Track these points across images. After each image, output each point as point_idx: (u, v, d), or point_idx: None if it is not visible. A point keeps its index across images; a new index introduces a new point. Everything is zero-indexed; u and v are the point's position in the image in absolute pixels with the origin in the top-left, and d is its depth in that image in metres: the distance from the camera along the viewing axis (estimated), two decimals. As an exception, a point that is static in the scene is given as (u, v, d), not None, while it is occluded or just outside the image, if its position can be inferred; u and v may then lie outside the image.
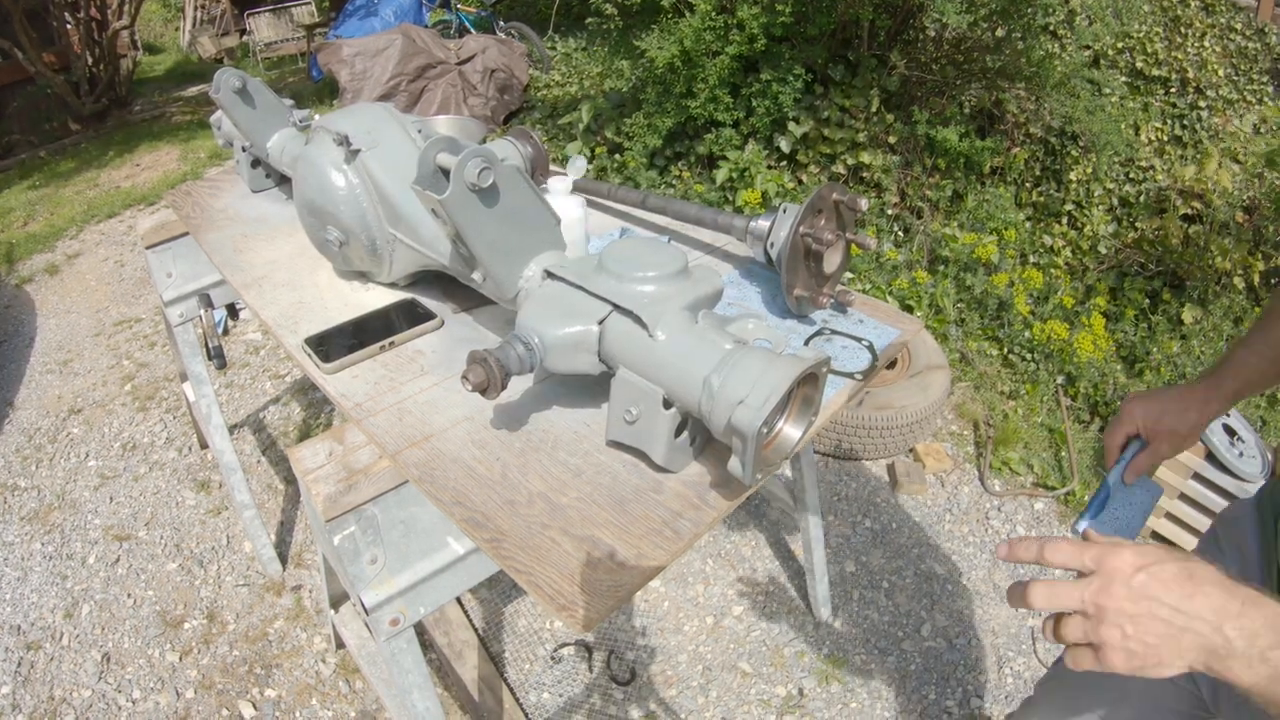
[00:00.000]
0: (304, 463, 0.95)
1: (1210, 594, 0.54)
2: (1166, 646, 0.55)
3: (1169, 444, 0.96)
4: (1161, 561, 0.56)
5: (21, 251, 4.39)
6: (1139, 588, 0.55)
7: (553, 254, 0.97)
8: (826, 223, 1.13)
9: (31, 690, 1.90)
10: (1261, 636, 0.52)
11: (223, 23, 10.11)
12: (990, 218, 3.28)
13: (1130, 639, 0.55)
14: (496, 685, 1.80)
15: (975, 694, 1.84)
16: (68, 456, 2.70)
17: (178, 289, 1.68)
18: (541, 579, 0.76)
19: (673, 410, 0.82)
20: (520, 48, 5.42)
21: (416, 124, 1.22)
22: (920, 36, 3.63)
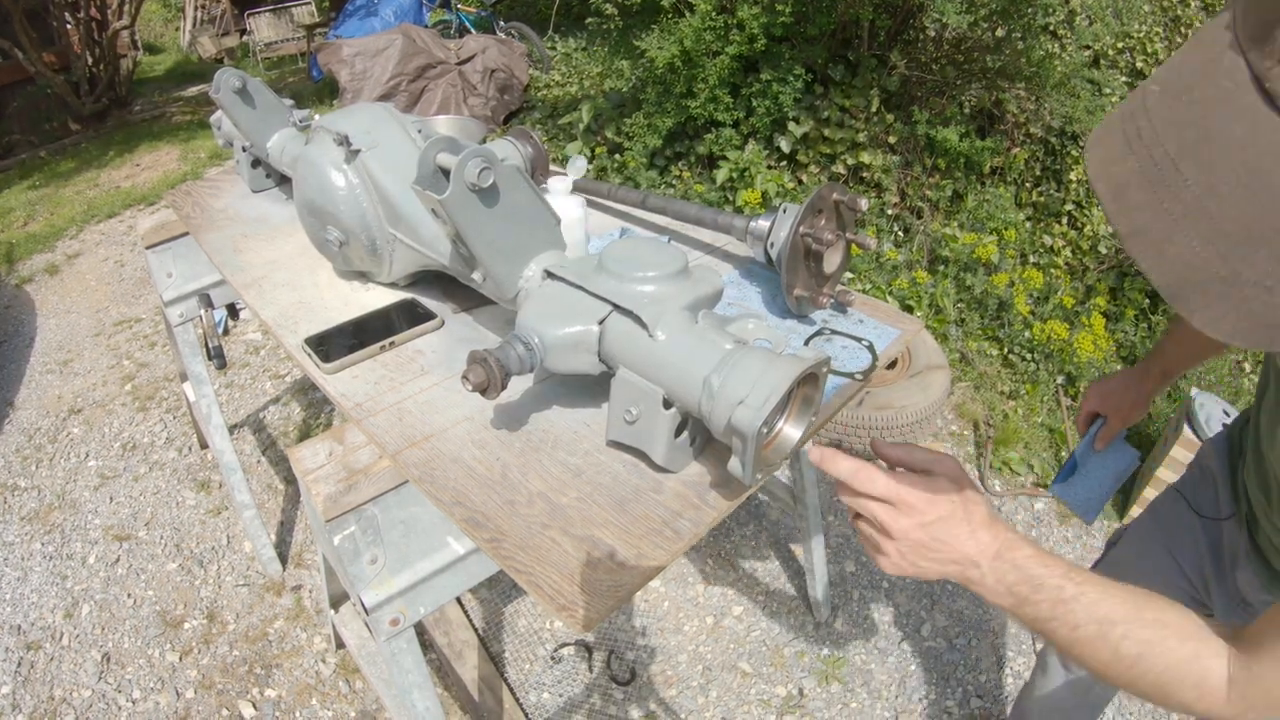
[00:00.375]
0: (304, 463, 0.95)
1: (979, 536, 0.67)
2: (931, 570, 0.69)
3: (1119, 416, 1.21)
4: (950, 506, 0.67)
5: (22, 251, 4.39)
6: (924, 526, 0.68)
7: (553, 254, 0.97)
8: (826, 223, 1.13)
9: (31, 690, 1.90)
10: (1009, 574, 0.66)
11: (223, 23, 10.12)
12: (990, 218, 3.28)
13: (904, 558, 0.69)
14: (496, 685, 1.80)
15: (975, 694, 1.84)
16: (68, 456, 2.70)
17: (178, 289, 1.68)
18: (541, 579, 0.76)
19: (673, 410, 0.82)
20: (520, 48, 5.42)
21: (416, 124, 1.22)
22: (920, 36, 3.63)
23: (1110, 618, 0.63)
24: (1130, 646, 0.62)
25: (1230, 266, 0.39)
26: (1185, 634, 0.63)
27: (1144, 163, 0.41)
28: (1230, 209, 0.38)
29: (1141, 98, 0.43)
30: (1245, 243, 0.38)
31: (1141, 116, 0.42)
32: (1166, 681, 0.62)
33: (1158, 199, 0.40)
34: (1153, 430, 2.54)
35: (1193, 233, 0.39)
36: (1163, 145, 0.40)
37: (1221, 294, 0.39)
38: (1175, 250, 0.40)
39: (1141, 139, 0.41)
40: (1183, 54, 0.42)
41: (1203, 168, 0.39)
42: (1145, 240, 0.41)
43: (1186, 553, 1.11)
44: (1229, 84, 0.39)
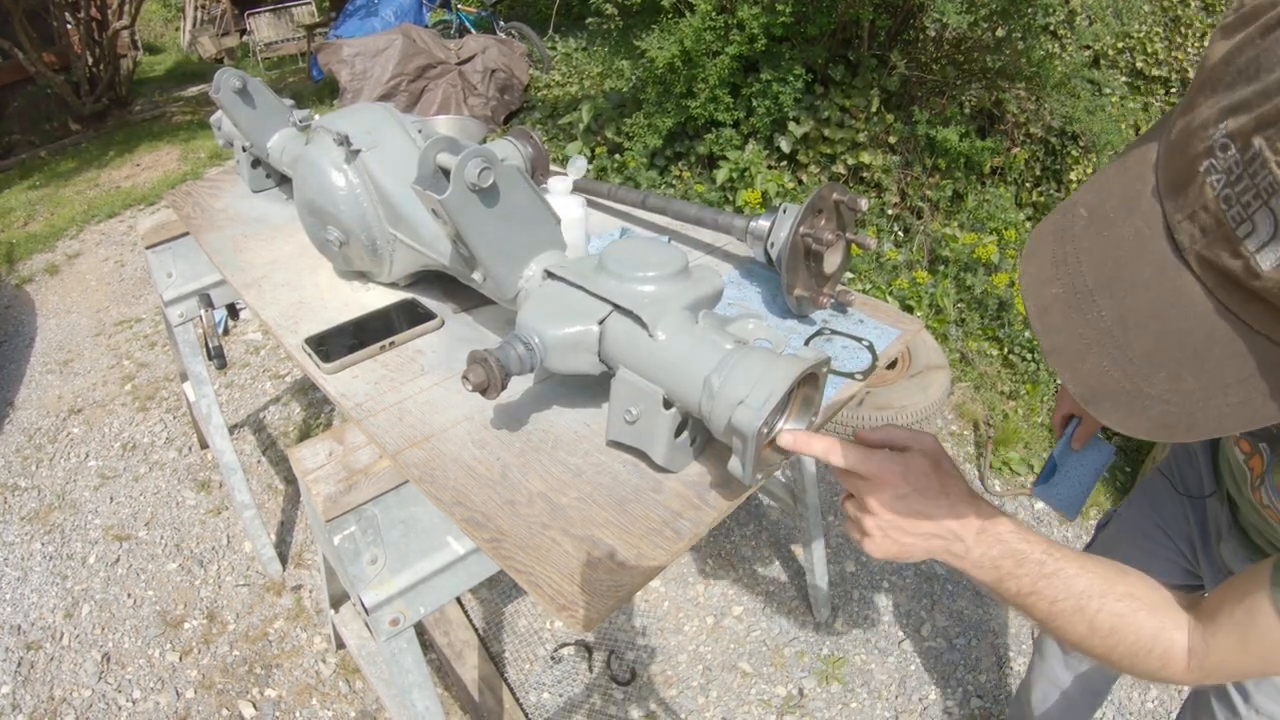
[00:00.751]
0: (304, 463, 0.95)
1: (959, 510, 0.68)
2: (916, 547, 0.70)
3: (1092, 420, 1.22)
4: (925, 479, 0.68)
5: (22, 251, 4.39)
6: (900, 499, 0.69)
7: (553, 254, 0.97)
8: (827, 223, 1.13)
9: (32, 690, 1.90)
10: (993, 548, 0.68)
11: (223, 23, 10.12)
12: (990, 218, 3.28)
13: (886, 535, 0.70)
14: (497, 685, 1.80)
15: (975, 694, 1.84)
16: (68, 456, 2.70)
17: (178, 289, 1.68)
18: (542, 579, 0.76)
19: (673, 410, 0.82)
20: (520, 48, 5.42)
21: (416, 124, 1.22)
22: (920, 36, 3.63)
23: (1087, 592, 0.67)
24: (1105, 620, 0.66)
25: (1134, 383, 0.45)
26: (1153, 606, 0.67)
27: (1066, 289, 0.47)
28: (1135, 339, 0.44)
29: (1071, 219, 0.48)
30: (1146, 366, 0.44)
31: (1069, 241, 0.47)
32: (1136, 653, 0.67)
33: (1074, 324, 0.46)
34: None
35: (1102, 355, 0.45)
36: (1083, 275, 0.46)
37: (1127, 403, 0.45)
38: (1087, 367, 0.46)
39: (1067, 265, 0.47)
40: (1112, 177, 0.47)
41: (1114, 302, 0.45)
42: (1062, 357, 0.47)
43: (1175, 528, 1.15)
44: (1144, 228, 0.44)
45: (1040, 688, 1.43)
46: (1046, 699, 1.43)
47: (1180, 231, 0.42)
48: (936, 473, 0.69)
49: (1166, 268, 0.43)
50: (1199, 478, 1.12)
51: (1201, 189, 0.40)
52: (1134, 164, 0.46)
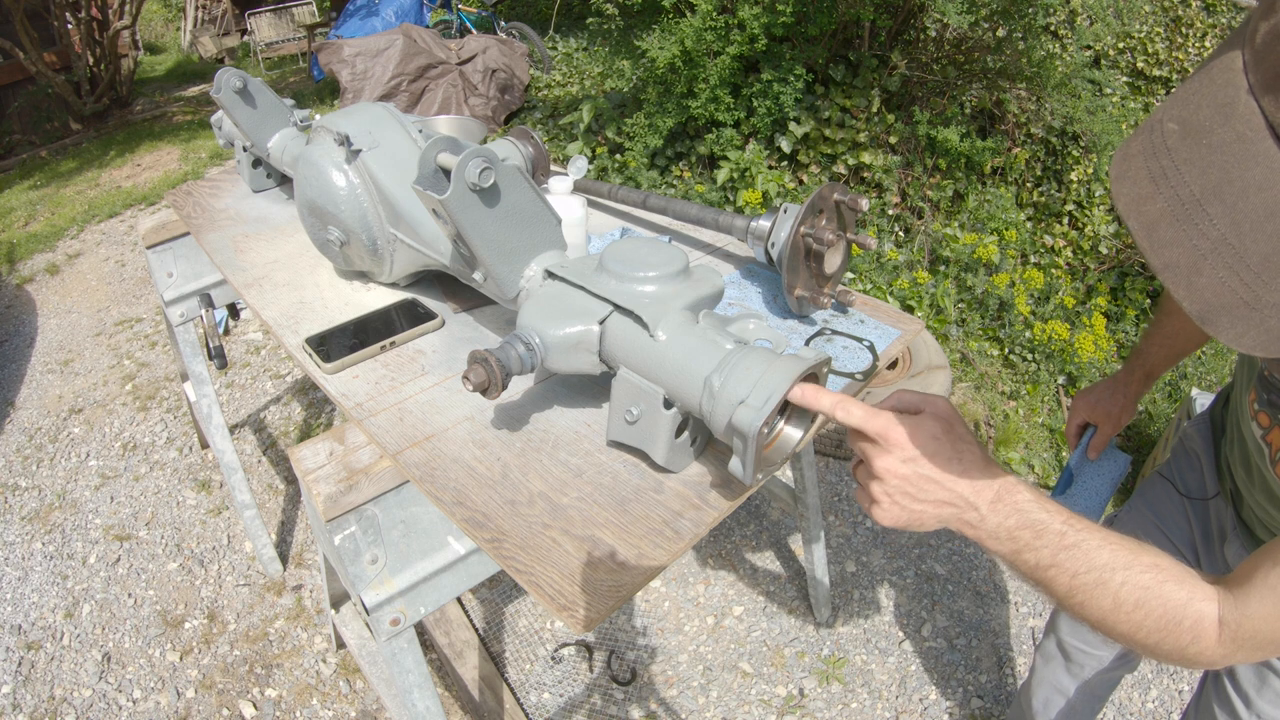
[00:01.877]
0: (304, 463, 0.95)
1: (973, 476, 0.65)
2: (927, 515, 0.67)
3: (1110, 423, 1.22)
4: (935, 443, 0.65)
5: (22, 251, 4.40)
6: (908, 462, 0.66)
7: (554, 254, 0.97)
8: (827, 223, 1.13)
9: (32, 690, 1.90)
10: (1010, 518, 0.65)
11: (224, 22, 10.12)
12: (991, 218, 3.28)
13: (895, 502, 0.67)
14: (497, 685, 1.80)
15: (976, 694, 1.84)
16: (68, 456, 2.70)
17: (178, 289, 1.68)
18: (542, 579, 0.76)
19: (673, 410, 0.82)
20: (521, 48, 5.42)
21: (417, 124, 1.22)
22: (921, 36, 3.63)
23: (1110, 564, 0.64)
24: (1130, 593, 0.64)
25: (1253, 292, 0.44)
26: (1180, 578, 0.65)
27: (1171, 202, 0.45)
28: (1252, 244, 0.43)
29: (1161, 135, 0.47)
30: (1266, 272, 0.43)
31: (1164, 155, 0.46)
32: (1164, 626, 0.64)
33: (1186, 236, 0.45)
34: (1153, 431, 2.54)
35: (1218, 265, 0.44)
36: (1188, 186, 0.45)
37: (1245, 316, 0.44)
38: (1203, 281, 0.45)
39: (1167, 178, 0.45)
40: (1196, 89, 0.46)
41: (1226, 208, 0.43)
42: (1176, 273, 0.46)
43: (1177, 531, 1.15)
44: (1246, 130, 0.43)
45: (1042, 693, 1.43)
46: (1049, 705, 1.42)
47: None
48: (949, 436, 0.66)
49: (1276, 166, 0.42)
50: (1201, 479, 1.11)
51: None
52: (1219, 73, 0.45)
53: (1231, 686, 1.02)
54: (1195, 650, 0.64)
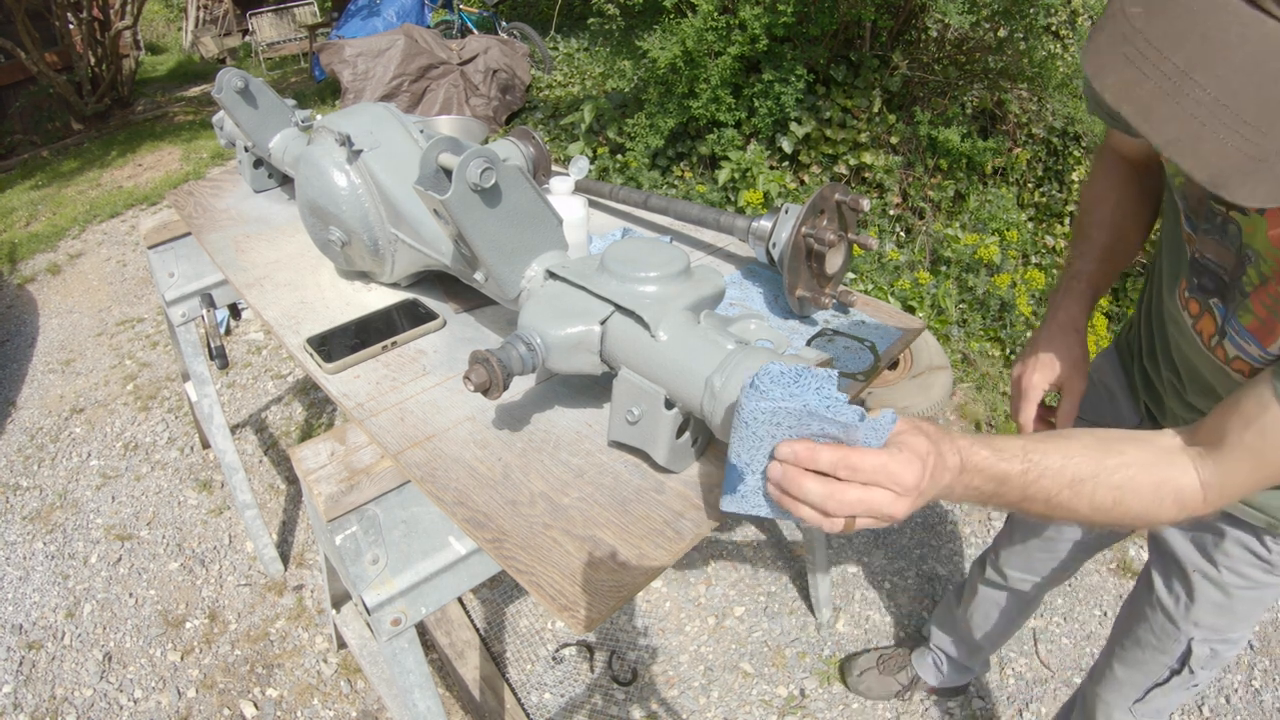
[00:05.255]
0: (306, 463, 0.95)
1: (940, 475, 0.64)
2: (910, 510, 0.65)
3: (1079, 380, 1.02)
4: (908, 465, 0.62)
5: (24, 251, 4.40)
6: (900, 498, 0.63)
7: (555, 254, 0.97)
8: (828, 223, 1.13)
9: (33, 689, 1.90)
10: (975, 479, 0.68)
11: (225, 23, 10.13)
12: (992, 218, 3.28)
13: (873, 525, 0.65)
14: (498, 685, 1.80)
15: (976, 695, 1.84)
16: (70, 456, 2.71)
17: (180, 289, 1.68)
18: (543, 579, 0.76)
19: (675, 410, 0.82)
20: (522, 48, 5.42)
21: (418, 124, 1.22)
22: (922, 37, 3.63)
23: (1079, 478, 0.68)
24: (1105, 496, 0.68)
25: (1255, 145, 0.45)
26: (1148, 464, 0.69)
27: (1159, 80, 0.46)
28: (1245, 99, 0.44)
29: (1126, 20, 0.47)
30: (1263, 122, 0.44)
31: (1137, 39, 0.47)
32: (1146, 510, 0.69)
33: (1181, 108, 0.46)
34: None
35: (1218, 128, 0.45)
36: (1170, 60, 0.46)
37: (1253, 171, 0.45)
38: (1207, 147, 0.46)
39: (1147, 59, 0.47)
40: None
41: (1211, 72, 0.44)
42: (1181, 146, 0.47)
43: None
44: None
45: (982, 610, 1.53)
46: (988, 619, 1.53)
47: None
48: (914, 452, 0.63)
49: (1248, 20, 0.43)
50: (1118, 411, 1.12)
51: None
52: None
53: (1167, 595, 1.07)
54: (1186, 515, 0.69)
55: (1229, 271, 0.77)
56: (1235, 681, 1.84)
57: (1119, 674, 1.19)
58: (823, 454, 0.61)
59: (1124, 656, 1.18)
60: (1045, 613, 2.01)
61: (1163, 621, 1.09)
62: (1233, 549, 0.97)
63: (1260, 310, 0.72)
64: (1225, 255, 0.77)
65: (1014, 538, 1.40)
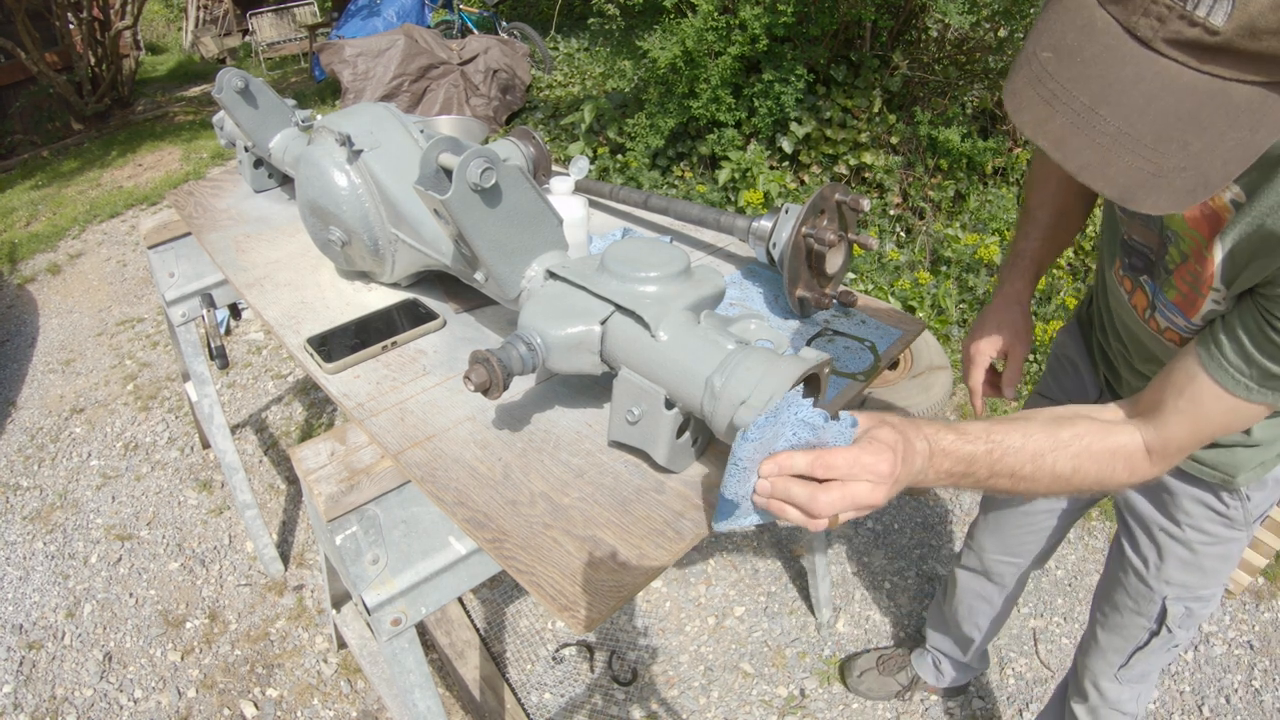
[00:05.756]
0: (306, 463, 0.95)
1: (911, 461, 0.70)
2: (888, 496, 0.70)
3: (1023, 345, 1.14)
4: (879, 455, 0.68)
5: (24, 251, 4.40)
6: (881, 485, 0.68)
7: (555, 254, 0.97)
8: (829, 223, 1.13)
9: (33, 689, 1.90)
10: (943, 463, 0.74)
11: (225, 23, 10.13)
12: (993, 218, 3.28)
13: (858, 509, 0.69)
14: (498, 685, 1.80)
15: (977, 695, 1.84)
16: (70, 456, 2.71)
17: (180, 289, 1.68)
18: (543, 579, 0.76)
19: (675, 410, 0.82)
20: (523, 48, 5.42)
21: (419, 124, 1.22)
22: (922, 37, 3.63)
23: (1039, 452, 0.76)
24: (1063, 465, 0.76)
25: (1155, 164, 0.53)
26: (1099, 434, 0.78)
27: (1068, 116, 0.54)
28: (1143, 127, 0.52)
29: (1039, 64, 0.55)
30: (1160, 144, 0.52)
31: (1048, 80, 0.55)
32: (1101, 477, 0.78)
33: (1090, 139, 0.54)
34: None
35: (1123, 152, 0.53)
36: (1078, 99, 0.53)
37: (1154, 185, 0.53)
38: (1114, 170, 0.54)
39: (1058, 98, 0.54)
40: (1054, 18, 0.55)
41: (1113, 107, 0.52)
42: (1092, 170, 0.54)
43: None
44: (1109, 39, 0.52)
45: (966, 602, 1.55)
46: (974, 612, 1.56)
47: (1140, 28, 0.51)
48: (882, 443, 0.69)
49: (1142, 60, 0.51)
50: (1081, 383, 1.18)
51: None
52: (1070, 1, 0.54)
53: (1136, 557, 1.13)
54: (1137, 479, 0.79)
55: (1154, 251, 0.86)
56: (1235, 681, 1.84)
57: (1102, 641, 1.24)
58: (798, 459, 0.67)
59: (1104, 623, 1.23)
60: (1045, 613, 2.02)
61: (1136, 584, 1.15)
62: (1192, 507, 1.04)
63: (1182, 286, 0.80)
64: (1150, 237, 0.86)
65: (987, 517, 1.44)
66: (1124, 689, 1.27)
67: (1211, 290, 0.75)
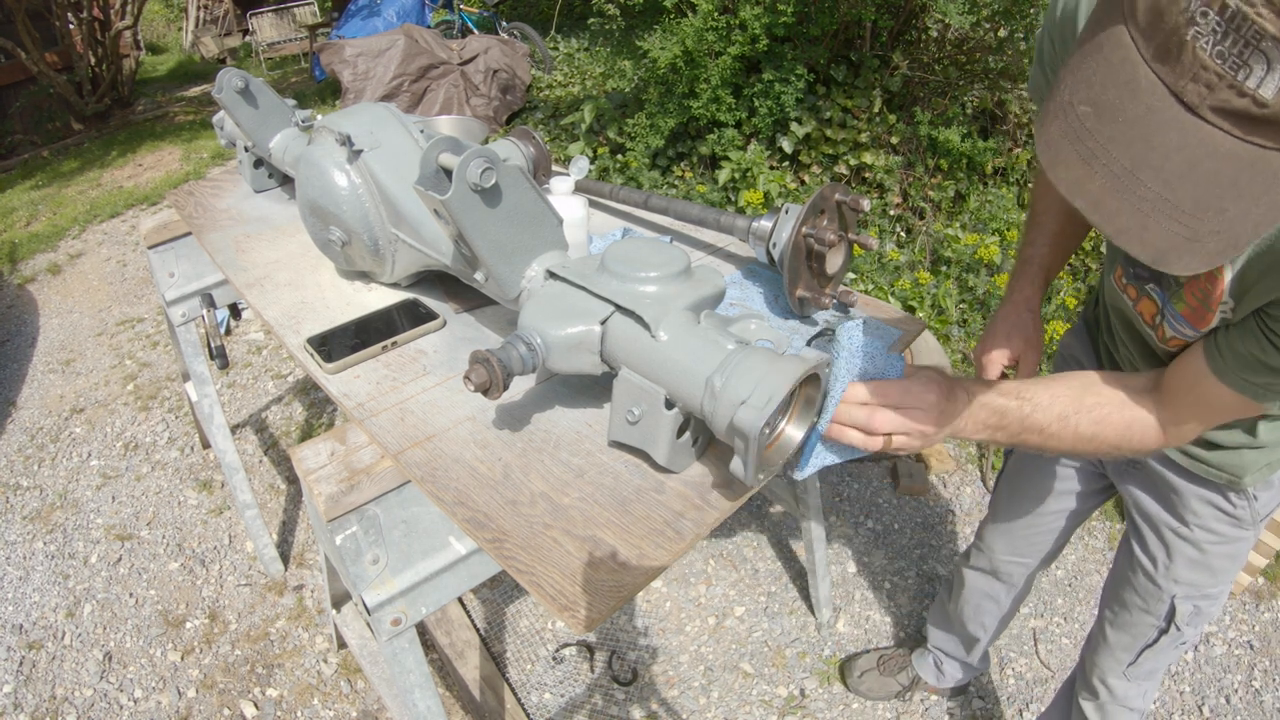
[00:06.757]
0: (306, 462, 0.95)
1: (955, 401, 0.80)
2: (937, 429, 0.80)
3: (1035, 352, 1.17)
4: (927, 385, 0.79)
5: (24, 251, 4.40)
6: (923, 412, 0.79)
7: (555, 254, 0.97)
8: (829, 223, 1.13)
9: (33, 689, 1.90)
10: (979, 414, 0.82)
11: (225, 23, 10.13)
12: (993, 218, 3.28)
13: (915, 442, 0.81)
14: (498, 685, 1.80)
15: (977, 695, 1.84)
16: (70, 456, 2.71)
17: (180, 289, 1.68)
18: (543, 579, 0.76)
19: (675, 410, 0.82)
20: (523, 48, 5.42)
21: (419, 124, 1.22)
22: (922, 37, 3.63)
23: (1064, 413, 0.82)
24: (1086, 427, 0.83)
25: (1191, 230, 0.52)
26: (1121, 404, 0.83)
27: (1108, 178, 0.53)
28: (1183, 194, 0.51)
29: (1077, 118, 0.54)
30: (1198, 211, 0.52)
31: (1087, 138, 0.53)
32: (1118, 443, 0.84)
33: (1128, 203, 0.53)
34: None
35: (1161, 218, 0.52)
36: (1118, 161, 0.52)
37: (1189, 249, 0.53)
38: (1152, 234, 0.53)
39: (1097, 158, 0.53)
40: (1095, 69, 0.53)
41: (1154, 171, 0.51)
42: (1129, 234, 0.54)
43: None
44: (1153, 101, 0.50)
45: (973, 601, 1.56)
46: (980, 611, 1.56)
47: (1187, 93, 0.49)
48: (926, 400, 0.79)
49: (1187, 126, 0.50)
50: None
51: (1195, 53, 0.47)
52: (1111, 51, 0.52)
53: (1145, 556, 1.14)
54: (1149, 448, 0.85)
55: None
56: (1235, 681, 1.84)
57: (1111, 639, 1.25)
58: (859, 388, 0.79)
59: (1114, 621, 1.24)
60: (1045, 613, 2.02)
61: (1145, 583, 1.16)
62: (1200, 507, 1.05)
63: (1192, 300, 0.81)
64: None
65: (997, 517, 1.44)
66: (1132, 686, 1.27)
67: (1221, 305, 0.77)
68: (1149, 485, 1.12)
